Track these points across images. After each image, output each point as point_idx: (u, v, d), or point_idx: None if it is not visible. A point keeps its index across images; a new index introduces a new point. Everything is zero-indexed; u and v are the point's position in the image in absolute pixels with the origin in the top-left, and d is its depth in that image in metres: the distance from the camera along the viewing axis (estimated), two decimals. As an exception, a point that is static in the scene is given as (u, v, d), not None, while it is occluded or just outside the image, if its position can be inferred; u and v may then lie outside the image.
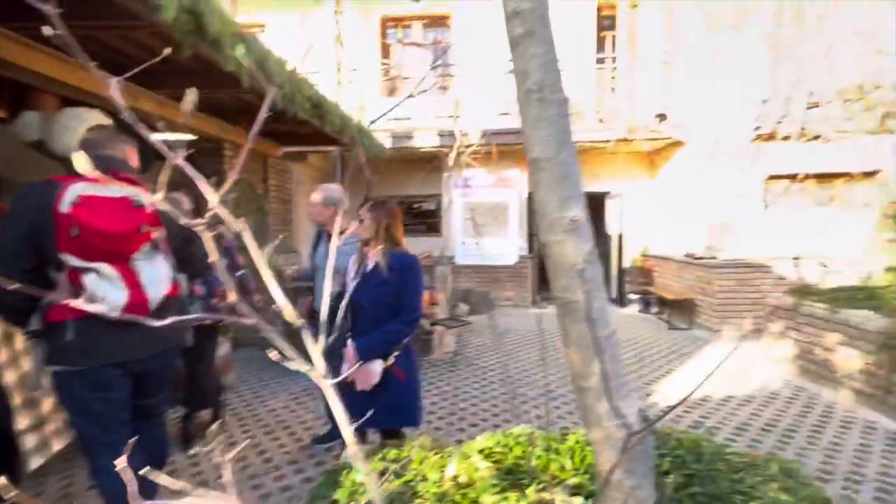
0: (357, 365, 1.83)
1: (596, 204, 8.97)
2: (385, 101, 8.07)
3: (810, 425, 3.30)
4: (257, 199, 5.85)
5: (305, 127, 4.77)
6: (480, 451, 1.60)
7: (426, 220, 8.80)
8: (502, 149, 7.18)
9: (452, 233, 7.73)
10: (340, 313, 0.96)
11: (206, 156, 5.29)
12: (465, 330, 5.55)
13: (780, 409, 3.60)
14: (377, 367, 1.87)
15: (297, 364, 0.75)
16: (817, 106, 5.78)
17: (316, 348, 0.78)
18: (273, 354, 0.77)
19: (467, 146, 7.04)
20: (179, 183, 3.13)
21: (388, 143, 6.93)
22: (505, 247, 7.80)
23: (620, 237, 8.14)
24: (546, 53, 0.81)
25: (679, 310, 6.56)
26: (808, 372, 4.24)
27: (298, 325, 0.77)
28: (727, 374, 4.41)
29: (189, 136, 4.76)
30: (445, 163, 7.22)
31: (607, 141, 7.17)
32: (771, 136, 6.21)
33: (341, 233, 2.72)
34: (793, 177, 6.46)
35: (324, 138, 5.45)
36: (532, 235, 8.12)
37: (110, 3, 2.13)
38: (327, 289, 0.87)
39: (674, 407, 0.70)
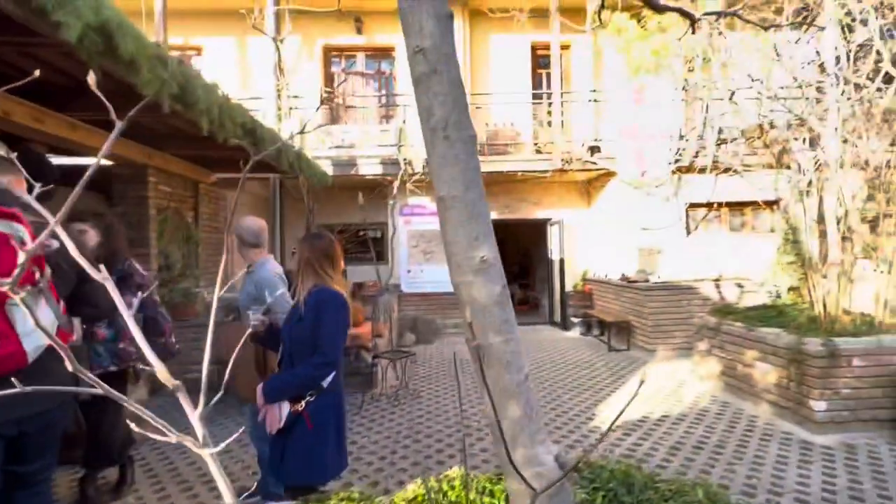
0: (264, 407, 1.70)
1: (539, 230, 9.31)
2: (328, 129, 7.98)
3: (736, 440, 3.48)
4: (186, 228, 5.47)
5: (240, 153, 4.57)
6: (411, 501, 1.50)
7: (372, 248, 8.65)
8: (446, 177, 7.28)
9: (398, 261, 7.64)
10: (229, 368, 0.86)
11: (128, 182, 4.90)
12: (410, 361, 5.41)
13: (710, 425, 3.78)
14: (283, 410, 1.73)
15: (171, 436, 0.65)
16: (725, 142, 6.43)
17: (195, 413, 0.68)
18: (133, 426, 0.67)
19: (411, 174, 7.09)
20: (89, 213, 2.85)
21: (329, 170, 6.81)
22: (451, 274, 7.82)
23: (562, 262, 8.44)
24: (451, 91, 0.80)
25: (617, 331, 6.84)
26: (732, 387, 4.52)
27: (173, 387, 0.68)
28: (662, 395, 4.60)
29: (105, 162, 4.40)
30: (390, 191, 7.20)
31: (546, 171, 7.51)
32: (689, 169, 6.80)
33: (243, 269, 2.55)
34: (710, 205, 7.07)
35: (261, 165, 5.25)
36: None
37: (4, 15, 1.93)
38: (209, 338, 0.78)
39: (584, 456, 0.67)
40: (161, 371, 0.68)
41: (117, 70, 2.37)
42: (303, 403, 1.72)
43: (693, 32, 1.90)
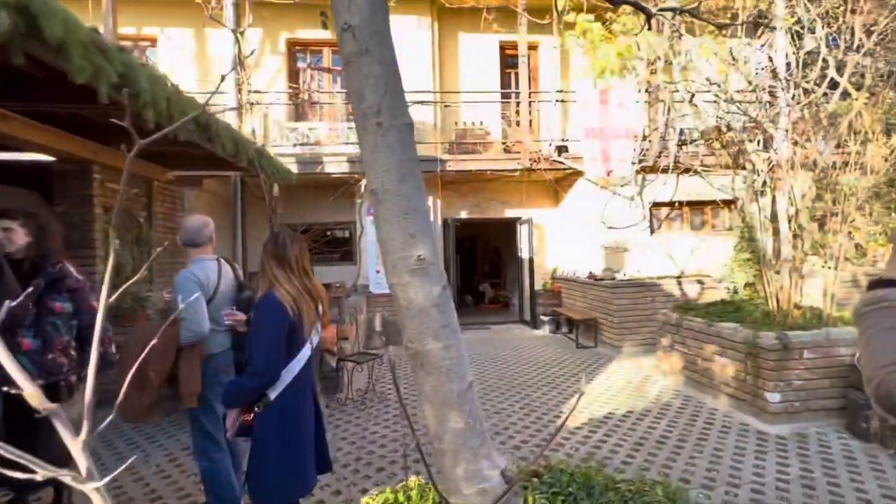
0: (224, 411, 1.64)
1: (509, 229, 9.35)
2: (293, 125, 7.75)
3: (697, 434, 3.56)
4: (137, 229, 5.16)
5: (197, 150, 4.33)
6: (364, 514, 1.42)
7: (340, 248, 8.46)
8: (415, 176, 7.19)
9: (366, 261, 7.49)
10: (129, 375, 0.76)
11: (70, 179, 4.58)
12: (377, 363, 5.30)
13: (672, 420, 3.86)
14: (234, 418, 1.67)
15: (43, 471, 0.56)
16: (686, 143, 6.62)
17: (77, 441, 0.59)
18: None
19: (379, 173, 6.95)
20: (16, 210, 2.60)
21: (294, 168, 6.60)
22: (421, 274, 7.72)
23: (531, 261, 8.50)
24: (384, 74, 0.72)
25: (585, 329, 6.93)
26: (693, 381, 4.64)
27: (46, 411, 0.58)
28: (628, 390, 4.67)
29: (45, 157, 4.09)
30: (358, 189, 7.04)
31: (515, 171, 7.53)
32: (653, 169, 6.97)
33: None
34: (672, 204, 7.26)
35: (221, 162, 5.01)
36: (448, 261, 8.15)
37: None
38: (94, 343, 0.68)
39: (526, 471, 0.61)
40: (32, 394, 0.58)
41: (45, 55, 2.17)
42: (251, 414, 1.63)
43: (650, 28, 1.90)
